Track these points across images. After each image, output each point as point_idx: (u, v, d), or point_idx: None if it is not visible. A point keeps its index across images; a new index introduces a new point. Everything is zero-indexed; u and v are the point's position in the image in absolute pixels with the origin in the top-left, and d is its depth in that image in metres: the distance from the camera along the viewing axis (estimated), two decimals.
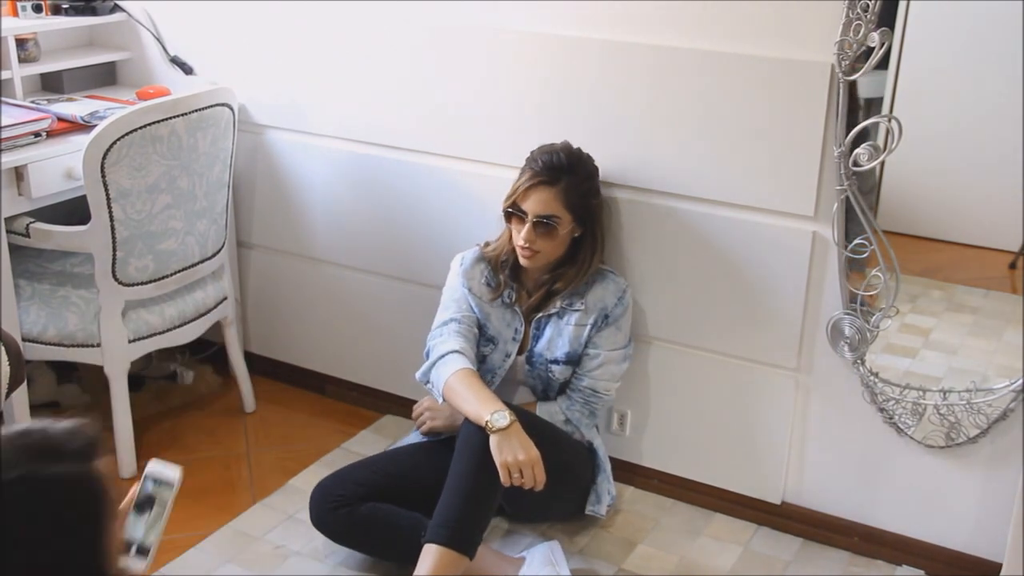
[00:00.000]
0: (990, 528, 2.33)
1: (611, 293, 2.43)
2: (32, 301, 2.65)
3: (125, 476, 2.75)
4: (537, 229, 2.34)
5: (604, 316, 2.42)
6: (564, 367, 2.44)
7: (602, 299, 2.42)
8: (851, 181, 2.20)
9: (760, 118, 2.31)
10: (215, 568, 2.41)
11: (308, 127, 2.92)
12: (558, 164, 2.34)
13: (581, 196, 2.36)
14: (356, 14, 2.74)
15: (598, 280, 2.44)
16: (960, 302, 2.46)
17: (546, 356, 2.44)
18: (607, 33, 2.43)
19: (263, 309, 3.22)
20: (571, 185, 2.33)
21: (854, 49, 2.11)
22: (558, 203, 2.33)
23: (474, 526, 2.19)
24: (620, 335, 2.46)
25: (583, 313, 2.41)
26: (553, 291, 2.43)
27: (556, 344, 2.43)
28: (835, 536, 2.53)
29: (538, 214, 2.33)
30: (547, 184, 2.32)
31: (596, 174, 2.43)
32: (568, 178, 2.33)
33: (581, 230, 2.40)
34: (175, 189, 2.61)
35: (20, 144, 2.55)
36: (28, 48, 2.95)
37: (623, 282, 2.46)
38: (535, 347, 2.45)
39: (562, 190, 2.32)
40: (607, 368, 2.45)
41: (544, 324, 2.45)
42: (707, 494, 2.66)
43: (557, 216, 2.33)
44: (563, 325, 2.42)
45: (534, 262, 2.38)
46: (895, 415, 2.35)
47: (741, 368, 2.52)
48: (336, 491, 2.38)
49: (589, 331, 2.42)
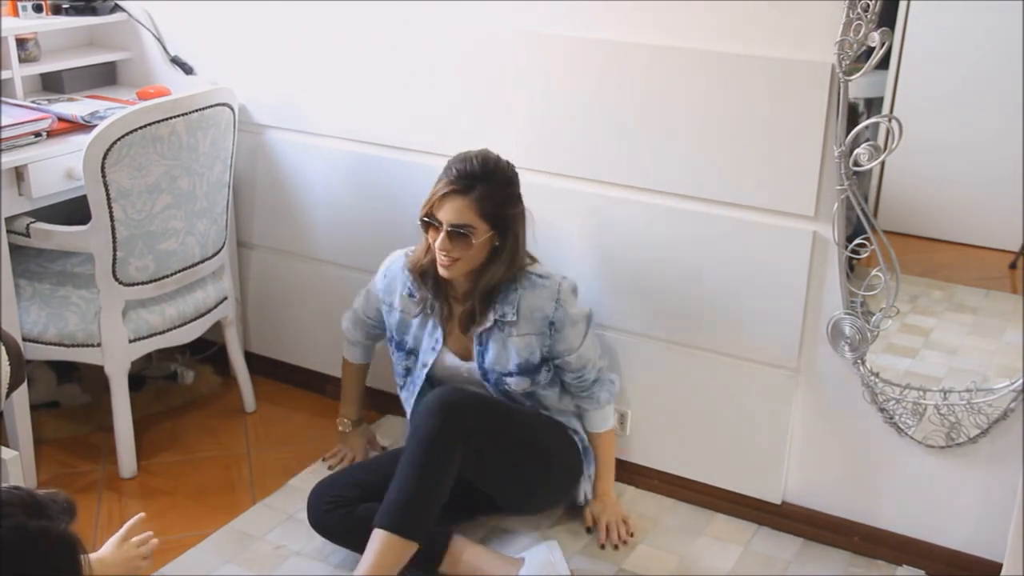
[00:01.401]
0: (990, 528, 2.33)
1: (545, 300, 2.38)
2: (32, 301, 2.65)
3: (125, 476, 2.75)
4: (452, 238, 2.29)
5: (549, 324, 2.38)
6: (520, 378, 2.42)
7: (539, 308, 2.37)
8: (851, 181, 2.20)
9: (760, 118, 2.31)
10: (215, 568, 2.41)
11: (308, 127, 2.92)
12: (471, 172, 2.28)
13: (496, 205, 2.30)
14: (356, 14, 2.74)
15: (526, 288, 2.38)
16: (960, 302, 2.46)
17: (498, 370, 2.42)
18: (607, 33, 2.43)
19: (263, 309, 3.22)
20: (485, 194, 2.28)
21: (854, 49, 2.11)
22: (472, 212, 2.28)
23: (421, 512, 2.22)
24: (578, 327, 2.42)
25: (520, 324, 2.38)
26: (481, 302, 2.39)
27: (504, 357, 2.40)
28: (835, 536, 2.53)
29: (452, 223, 2.28)
30: (460, 193, 2.28)
31: (515, 182, 2.36)
32: (482, 187, 2.28)
33: (500, 239, 2.34)
34: (175, 189, 2.61)
35: (20, 144, 2.55)
36: (28, 48, 2.95)
37: (554, 281, 2.39)
38: (484, 363, 2.42)
39: (476, 199, 2.27)
40: (585, 357, 2.46)
41: (486, 339, 2.41)
42: (707, 494, 2.66)
43: (471, 225, 2.28)
44: (506, 338, 2.39)
45: (452, 272, 2.33)
46: (895, 415, 2.35)
47: (741, 368, 2.52)
48: (333, 492, 2.40)
49: (539, 342, 2.39)
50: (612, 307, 2.63)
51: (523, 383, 2.42)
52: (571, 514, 2.63)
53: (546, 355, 2.43)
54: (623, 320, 2.63)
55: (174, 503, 2.67)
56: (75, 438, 2.93)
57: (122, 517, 2.59)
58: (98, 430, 2.93)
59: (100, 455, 2.85)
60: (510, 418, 2.41)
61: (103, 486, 2.73)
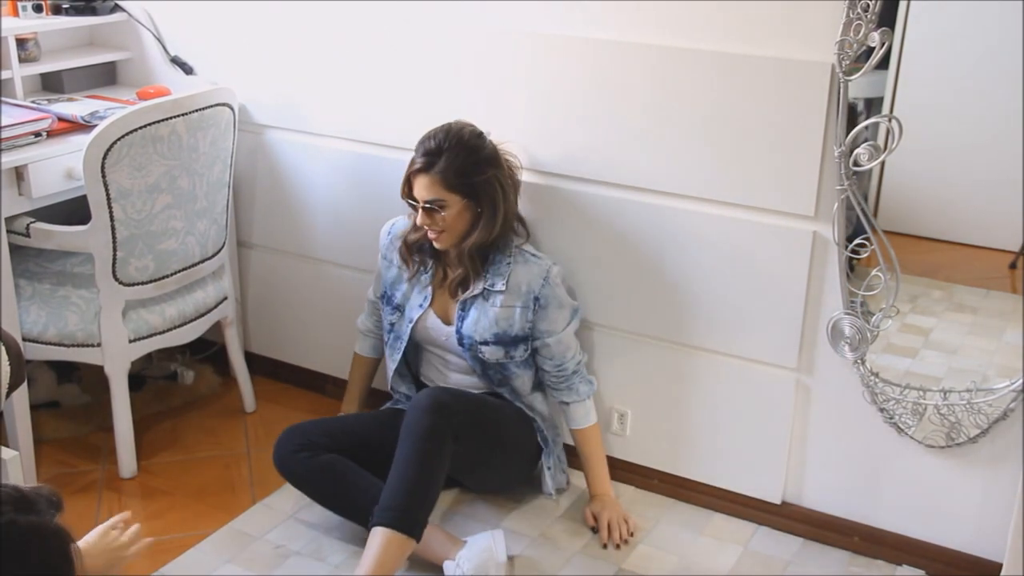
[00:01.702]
0: (990, 528, 2.33)
1: (535, 276, 2.46)
2: (32, 301, 2.65)
3: (125, 476, 2.75)
4: (428, 214, 2.40)
5: (535, 299, 2.46)
6: (494, 348, 2.48)
7: (527, 282, 2.46)
8: (851, 181, 2.20)
9: (760, 118, 2.31)
10: (215, 568, 2.41)
11: (308, 127, 2.92)
12: (432, 149, 2.39)
13: (461, 175, 2.38)
14: (356, 14, 2.74)
15: (519, 262, 2.47)
16: (960, 302, 2.46)
17: (475, 337, 2.49)
18: (608, 33, 2.43)
19: (263, 309, 3.22)
20: (447, 167, 2.37)
21: (854, 49, 2.11)
22: (438, 187, 2.38)
23: (419, 509, 2.27)
24: (563, 311, 2.50)
25: (507, 295, 2.46)
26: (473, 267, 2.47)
27: (483, 325, 2.48)
28: (835, 536, 2.53)
29: (424, 200, 2.40)
30: (424, 171, 2.39)
31: (479, 149, 2.42)
32: (443, 160, 2.37)
33: (479, 205, 2.42)
34: (175, 189, 2.61)
35: (20, 144, 2.56)
36: (28, 48, 2.95)
37: (546, 262, 2.48)
38: (462, 327, 2.50)
39: (439, 173, 2.37)
40: (565, 344, 2.52)
41: (469, 305, 2.50)
42: (707, 494, 2.67)
43: (440, 199, 2.38)
44: (488, 307, 2.47)
45: (441, 242, 2.45)
46: (895, 415, 2.35)
47: (741, 368, 2.52)
48: (302, 436, 2.48)
49: (521, 315, 2.47)
50: (612, 307, 2.63)
51: (497, 353, 2.49)
52: (571, 515, 2.63)
53: (527, 332, 2.48)
54: (623, 320, 2.63)
55: (174, 503, 2.67)
56: (75, 438, 2.93)
57: None
58: (98, 430, 2.94)
59: (100, 455, 2.85)
60: (489, 410, 2.50)
61: (103, 486, 2.73)
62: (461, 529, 2.53)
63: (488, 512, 2.63)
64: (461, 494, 2.68)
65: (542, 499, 2.68)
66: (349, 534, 2.51)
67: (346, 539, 2.50)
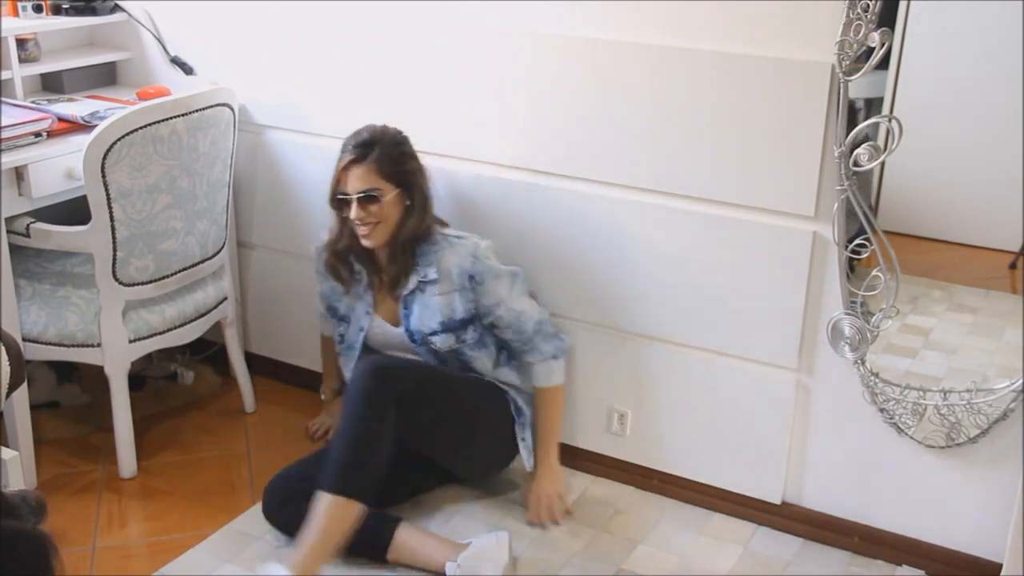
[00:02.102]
0: (990, 528, 2.33)
1: (464, 257, 2.48)
2: (32, 301, 2.65)
3: (125, 476, 2.75)
4: (363, 205, 2.43)
5: (470, 278, 2.48)
6: (444, 336, 2.50)
7: (457, 264, 2.48)
8: (851, 181, 2.20)
9: (760, 118, 2.31)
10: (215, 568, 2.41)
11: (308, 127, 2.92)
12: (363, 141, 2.45)
13: (394, 163, 2.45)
14: (356, 14, 2.74)
15: (444, 248, 2.49)
16: (960, 302, 2.46)
17: (423, 331, 2.50)
18: (608, 33, 2.43)
19: (263, 309, 3.22)
20: (382, 155, 2.44)
21: (854, 49, 2.11)
22: (374, 175, 2.43)
23: (358, 470, 2.29)
24: (502, 280, 2.51)
25: (441, 283, 2.48)
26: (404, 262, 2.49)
27: (427, 316, 2.50)
28: (835, 536, 2.53)
29: (360, 190, 2.42)
30: (358, 161, 2.43)
31: (405, 142, 2.51)
32: (377, 150, 2.44)
33: (408, 196, 2.47)
34: (175, 189, 2.61)
35: (20, 144, 2.56)
36: (28, 48, 2.95)
37: (471, 241, 2.51)
38: (409, 325, 2.52)
39: (374, 161, 2.43)
40: (516, 310, 2.53)
41: (411, 302, 2.51)
42: (707, 494, 2.66)
43: (377, 187, 2.43)
44: (428, 298, 2.49)
45: (374, 238, 2.46)
46: (895, 415, 2.35)
47: (741, 368, 2.52)
48: (284, 481, 2.49)
49: (461, 297, 2.48)
50: (612, 306, 2.63)
51: (448, 340, 2.50)
52: (571, 516, 2.63)
53: (472, 312, 2.50)
54: (623, 319, 2.63)
55: (174, 503, 2.67)
56: (75, 438, 2.93)
57: (122, 517, 2.60)
58: (98, 430, 2.94)
59: (100, 455, 2.85)
60: (442, 380, 2.51)
61: (103, 486, 2.73)
62: (461, 529, 2.53)
63: (488, 512, 2.62)
64: (460, 492, 2.68)
65: None
66: None
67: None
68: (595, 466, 2.79)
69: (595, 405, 2.74)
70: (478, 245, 2.50)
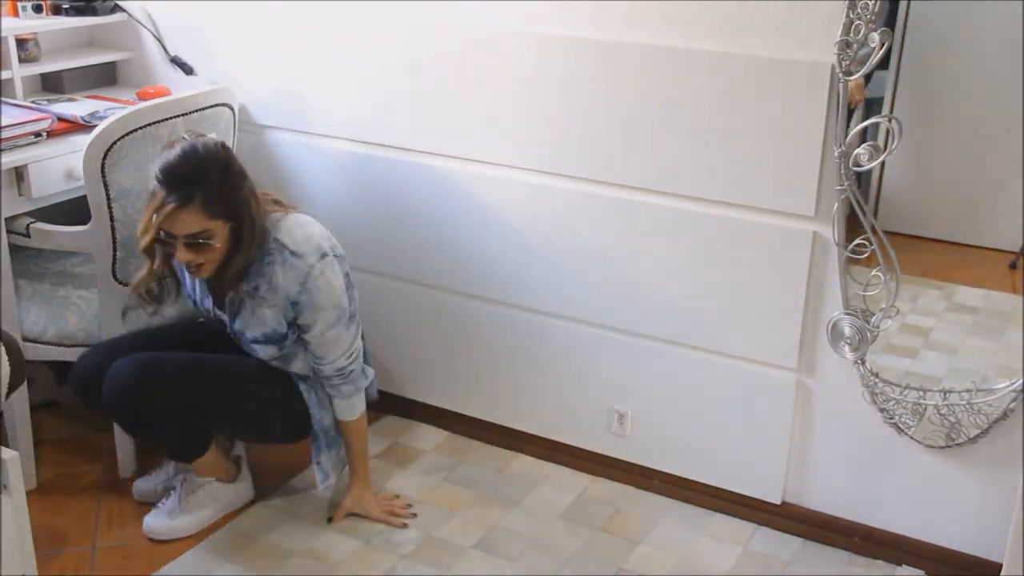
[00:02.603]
0: (990, 528, 2.33)
1: (292, 280, 2.34)
2: (32, 301, 2.65)
3: (125, 476, 2.75)
4: (191, 249, 2.26)
5: (292, 304, 2.36)
6: (265, 347, 2.43)
7: (284, 286, 2.35)
8: (851, 181, 2.20)
9: (760, 118, 2.31)
10: (215, 568, 2.41)
11: (308, 127, 2.92)
12: (184, 179, 2.21)
13: (222, 199, 2.25)
14: (356, 14, 2.74)
15: (279, 264, 2.33)
16: (960, 302, 2.46)
17: (247, 335, 2.44)
18: (607, 33, 2.43)
19: None
20: (208, 196, 2.22)
21: (854, 49, 2.11)
22: (202, 217, 2.23)
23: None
24: (323, 314, 2.38)
25: (272, 295, 2.36)
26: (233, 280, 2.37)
27: (252, 323, 2.41)
28: (835, 536, 2.53)
29: (187, 234, 2.24)
30: (183, 206, 2.20)
31: (230, 165, 2.28)
32: (201, 190, 2.21)
33: (237, 223, 2.29)
34: None
35: (20, 144, 2.55)
36: (28, 48, 2.95)
37: (307, 262, 2.34)
38: (233, 325, 2.45)
39: (201, 205, 2.22)
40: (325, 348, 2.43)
41: (239, 303, 2.41)
42: (707, 494, 2.66)
43: (207, 230, 2.25)
44: (256, 306, 2.39)
45: (203, 273, 2.34)
46: (895, 415, 2.35)
47: (741, 368, 2.52)
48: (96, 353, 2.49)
49: (285, 315, 2.39)
50: (612, 307, 2.63)
51: (270, 351, 2.45)
52: (570, 515, 2.63)
53: (291, 321, 2.41)
54: (623, 319, 2.63)
55: None
56: (75, 438, 2.93)
57: (122, 517, 2.60)
58: (98, 430, 2.93)
59: (100, 455, 2.85)
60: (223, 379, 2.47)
61: (103, 486, 2.73)
62: (461, 528, 2.53)
63: (488, 512, 2.63)
64: (459, 493, 2.68)
65: (542, 499, 2.68)
66: (349, 531, 2.52)
67: (346, 536, 2.51)
68: (595, 466, 2.79)
69: (595, 405, 2.74)
70: (312, 268, 2.34)
